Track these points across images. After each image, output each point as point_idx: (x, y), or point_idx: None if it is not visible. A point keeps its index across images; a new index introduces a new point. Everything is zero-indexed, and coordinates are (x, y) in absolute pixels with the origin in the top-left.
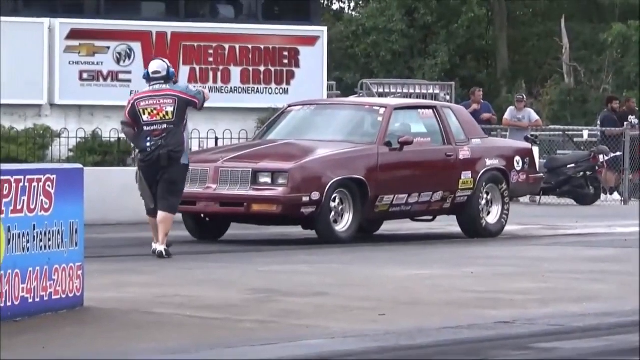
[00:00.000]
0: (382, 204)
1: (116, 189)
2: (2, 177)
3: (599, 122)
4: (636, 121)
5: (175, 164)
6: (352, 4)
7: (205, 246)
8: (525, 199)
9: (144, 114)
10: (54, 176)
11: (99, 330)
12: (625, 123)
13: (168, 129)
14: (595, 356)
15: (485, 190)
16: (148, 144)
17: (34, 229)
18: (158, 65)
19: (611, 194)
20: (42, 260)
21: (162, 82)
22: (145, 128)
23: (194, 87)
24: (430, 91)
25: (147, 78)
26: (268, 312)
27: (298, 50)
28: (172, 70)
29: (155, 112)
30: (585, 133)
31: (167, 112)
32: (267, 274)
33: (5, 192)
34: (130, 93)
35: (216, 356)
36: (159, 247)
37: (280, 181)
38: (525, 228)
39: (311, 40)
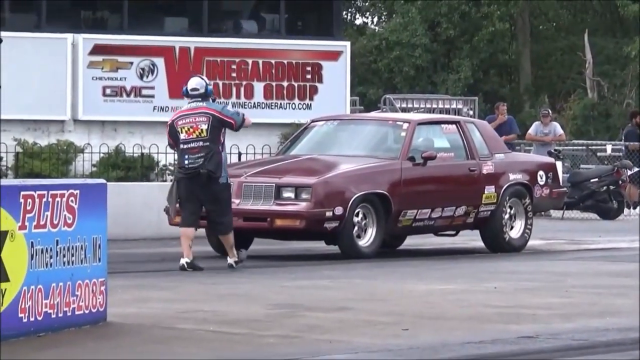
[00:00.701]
0: (406, 219)
1: (139, 204)
2: (26, 193)
3: (622, 137)
4: None
5: (215, 184)
6: (375, 19)
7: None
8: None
9: (182, 132)
10: (77, 191)
11: (121, 345)
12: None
13: (204, 146)
14: None
15: (508, 205)
16: (186, 162)
17: (57, 244)
18: (196, 82)
19: (634, 208)
20: (65, 275)
21: (200, 99)
22: (182, 146)
23: (233, 107)
24: (454, 106)
25: (186, 95)
26: (291, 327)
27: (321, 65)
28: (210, 87)
29: (191, 130)
30: (609, 147)
31: (201, 130)
32: (290, 289)
33: (28, 208)
34: (154, 109)
35: None
36: (230, 260)
37: (304, 196)
38: (548, 243)
39: (334, 55)
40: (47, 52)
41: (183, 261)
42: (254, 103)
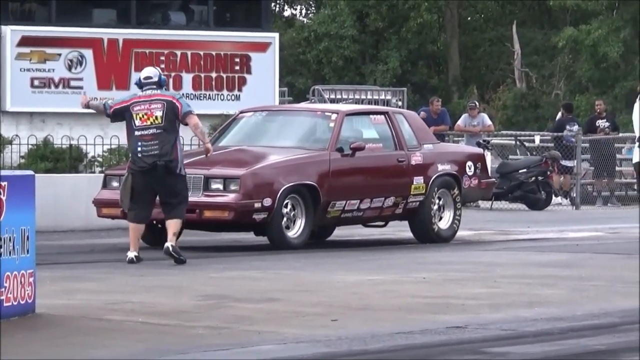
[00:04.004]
0: (334, 210)
1: (67, 196)
2: None
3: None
4: (606, 124)
5: (171, 176)
6: (304, 11)
7: (157, 252)
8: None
9: (136, 118)
10: (5, 183)
11: (50, 337)
12: (569, 127)
13: (157, 133)
14: None
15: (437, 196)
16: (139, 149)
17: None
18: (150, 71)
19: (565, 197)
20: None
21: (155, 87)
22: (136, 133)
23: (189, 103)
24: (382, 97)
25: (139, 84)
26: (220, 318)
27: (250, 56)
28: (163, 77)
29: (145, 116)
30: (537, 138)
31: (156, 117)
32: (219, 280)
33: None
34: None
35: None
36: (168, 243)
37: (232, 187)
38: (477, 233)
39: (263, 47)
40: None
41: (131, 255)
42: (183, 94)
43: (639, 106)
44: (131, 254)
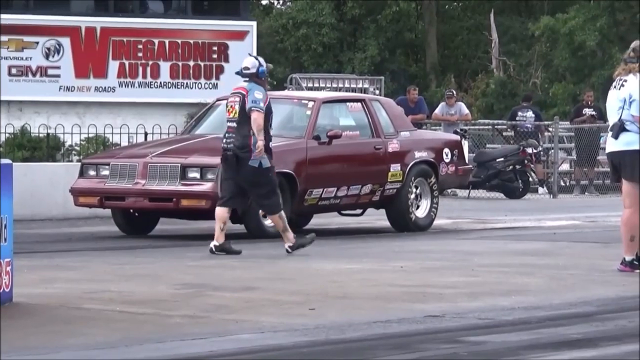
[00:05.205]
0: (311, 198)
1: (45, 184)
2: None
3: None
4: (593, 113)
5: (244, 166)
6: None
7: (134, 241)
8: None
9: (226, 110)
10: None
11: (28, 325)
12: (521, 114)
13: (234, 127)
14: (525, 349)
15: (414, 184)
16: (224, 140)
17: None
18: (248, 61)
19: (541, 186)
20: None
21: (248, 79)
22: (227, 123)
23: (256, 99)
24: (360, 85)
25: (240, 74)
26: (198, 306)
27: (227, 45)
28: (262, 68)
29: (231, 109)
30: None
31: (235, 111)
32: (196, 269)
33: None
34: (59, 89)
35: (146, 351)
36: (285, 244)
37: (209, 176)
38: (454, 222)
39: (240, 35)
40: None
41: (211, 244)
42: (160, 83)
43: (611, 94)
44: (211, 244)
